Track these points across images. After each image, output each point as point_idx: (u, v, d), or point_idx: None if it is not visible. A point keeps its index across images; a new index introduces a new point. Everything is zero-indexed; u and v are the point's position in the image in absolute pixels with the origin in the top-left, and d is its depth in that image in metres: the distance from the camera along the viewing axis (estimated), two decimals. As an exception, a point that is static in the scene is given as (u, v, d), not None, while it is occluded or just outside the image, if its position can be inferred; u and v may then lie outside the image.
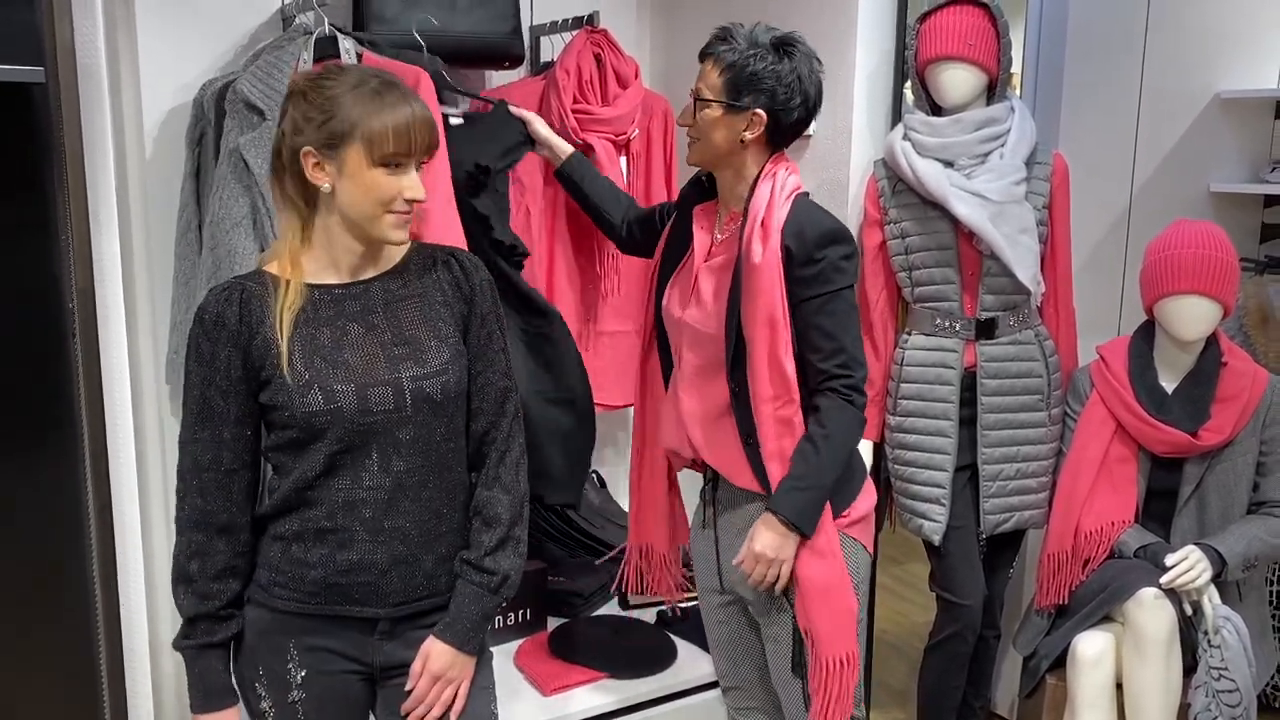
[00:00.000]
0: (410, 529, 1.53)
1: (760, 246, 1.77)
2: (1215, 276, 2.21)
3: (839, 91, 2.44)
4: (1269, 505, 2.29)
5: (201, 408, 1.50)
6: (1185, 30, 2.87)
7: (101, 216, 2.06)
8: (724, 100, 1.81)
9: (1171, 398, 2.30)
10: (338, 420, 1.47)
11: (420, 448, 1.53)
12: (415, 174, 1.48)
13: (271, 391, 1.49)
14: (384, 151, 1.43)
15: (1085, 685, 2.20)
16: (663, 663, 2.42)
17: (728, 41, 1.82)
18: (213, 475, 1.51)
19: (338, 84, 1.46)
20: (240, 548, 1.54)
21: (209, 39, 2.29)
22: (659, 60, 2.95)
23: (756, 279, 1.77)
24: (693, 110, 1.85)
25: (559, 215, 2.65)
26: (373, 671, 1.59)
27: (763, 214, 1.79)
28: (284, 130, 1.49)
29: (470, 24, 2.41)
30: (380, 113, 1.43)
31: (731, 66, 1.80)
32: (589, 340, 2.73)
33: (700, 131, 1.85)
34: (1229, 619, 2.16)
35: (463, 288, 1.59)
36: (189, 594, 1.52)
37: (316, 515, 1.51)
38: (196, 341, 1.50)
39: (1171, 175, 2.93)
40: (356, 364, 1.50)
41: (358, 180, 1.45)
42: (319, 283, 1.53)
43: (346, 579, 1.52)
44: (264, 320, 1.49)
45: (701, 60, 1.85)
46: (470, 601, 1.58)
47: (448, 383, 1.54)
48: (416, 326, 1.54)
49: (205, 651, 1.54)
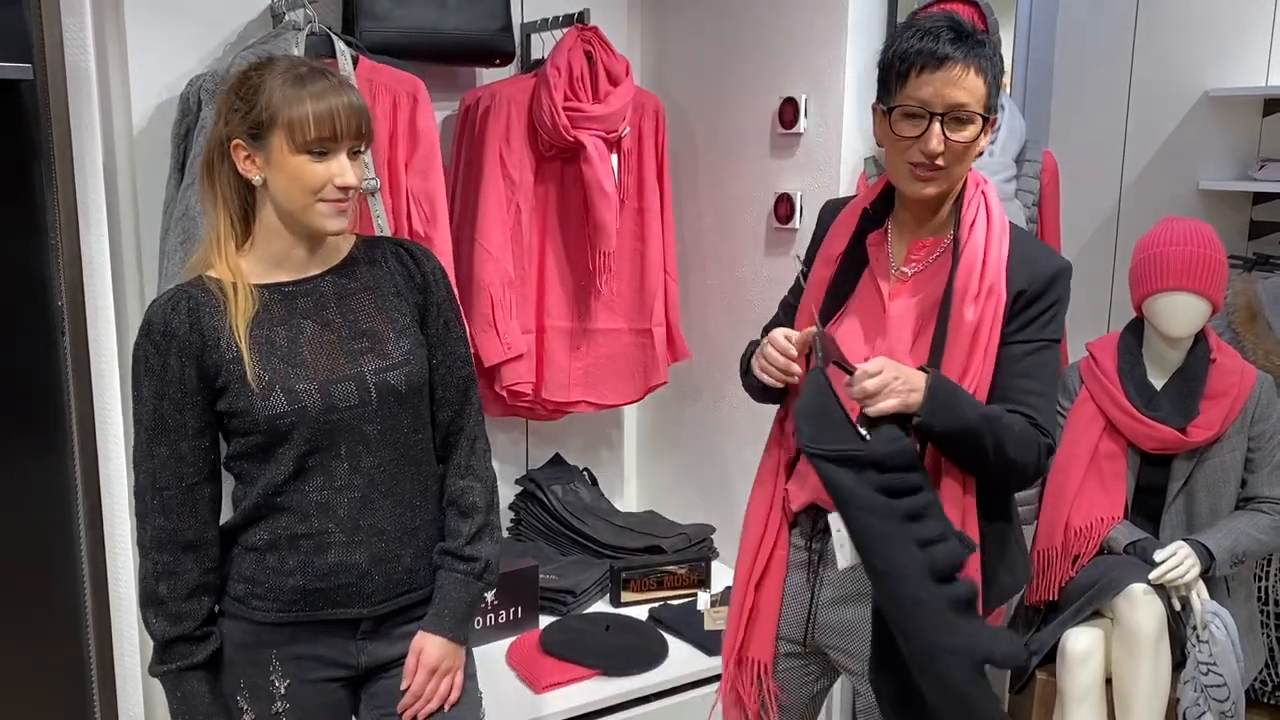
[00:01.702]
0: (387, 525, 1.52)
1: (980, 300, 1.50)
2: (1204, 274, 2.22)
3: (829, 89, 2.44)
4: (1257, 501, 2.30)
5: (156, 423, 1.45)
6: (1174, 28, 2.88)
7: (91, 214, 2.05)
8: (988, 111, 1.49)
9: (1160, 394, 2.31)
10: (303, 421, 1.45)
11: (389, 442, 1.51)
12: (346, 160, 1.44)
13: (230, 398, 1.45)
14: (306, 137, 1.40)
15: (1075, 681, 2.21)
16: (655, 659, 2.42)
17: (973, 35, 1.47)
18: (174, 493, 1.46)
19: (265, 73, 1.43)
20: (209, 564, 1.50)
21: (198, 36, 2.28)
22: (650, 58, 2.95)
23: (971, 337, 1.51)
24: (945, 136, 1.48)
25: (550, 213, 2.65)
26: (357, 674, 1.58)
27: (981, 254, 1.51)
28: (216, 122, 1.47)
29: (460, 22, 2.41)
30: (301, 99, 1.40)
31: (992, 69, 1.48)
32: (581, 338, 2.73)
33: (958, 156, 1.50)
34: (1217, 614, 2.17)
35: (415, 277, 1.57)
36: (160, 617, 1.48)
37: (289, 521, 1.48)
38: (145, 355, 1.45)
39: (1160, 173, 2.94)
40: (316, 361, 1.47)
41: (284, 169, 1.42)
42: (267, 282, 1.49)
43: (326, 583, 1.49)
44: (215, 327, 1.45)
45: (938, 66, 1.46)
46: (455, 590, 1.57)
47: (411, 373, 1.52)
48: (373, 319, 1.52)
49: (186, 675, 1.49)
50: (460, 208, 2.60)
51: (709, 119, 2.80)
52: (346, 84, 1.46)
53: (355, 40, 2.26)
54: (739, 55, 2.67)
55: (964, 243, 1.53)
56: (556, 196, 2.65)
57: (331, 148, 1.43)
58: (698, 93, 2.82)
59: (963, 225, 1.55)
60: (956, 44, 1.46)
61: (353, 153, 1.46)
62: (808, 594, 1.69)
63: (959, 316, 1.51)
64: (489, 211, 2.53)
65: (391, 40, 2.32)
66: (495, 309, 2.53)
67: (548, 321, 2.70)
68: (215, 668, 1.52)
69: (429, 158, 2.29)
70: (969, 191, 1.57)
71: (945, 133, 1.48)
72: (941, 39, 1.46)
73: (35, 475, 2.10)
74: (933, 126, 1.48)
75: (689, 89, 2.84)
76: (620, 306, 2.73)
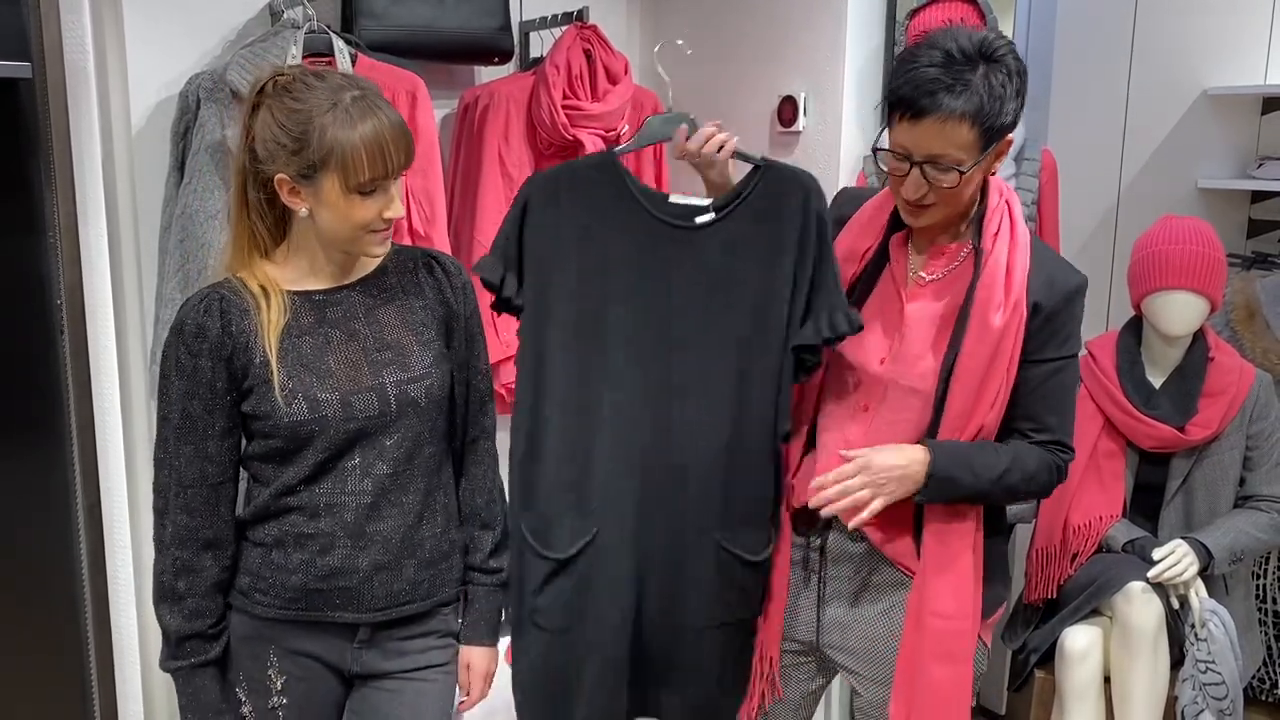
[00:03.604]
0: (392, 534, 1.52)
1: (1005, 312, 1.51)
2: (1202, 272, 2.22)
3: (829, 87, 2.44)
4: (1255, 499, 2.31)
5: (184, 421, 1.46)
6: (1173, 27, 2.88)
7: (89, 212, 2.05)
8: (981, 157, 1.47)
9: (1159, 393, 2.31)
10: (323, 429, 1.46)
11: (404, 452, 1.52)
12: (394, 190, 1.44)
13: (254, 401, 1.46)
14: (360, 179, 1.39)
15: (1073, 679, 2.21)
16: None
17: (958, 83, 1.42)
18: (197, 491, 1.48)
19: (312, 108, 1.38)
20: (225, 561, 1.52)
21: (196, 34, 2.28)
22: (648, 56, 2.95)
23: (995, 345, 1.52)
24: (925, 182, 1.47)
25: (549, 211, 2.65)
26: (348, 678, 1.59)
27: (1004, 266, 1.51)
28: (253, 151, 1.43)
29: (459, 20, 2.41)
30: (354, 141, 1.37)
31: (980, 113, 1.44)
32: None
33: (943, 197, 1.50)
34: (1216, 612, 2.17)
35: (444, 291, 1.58)
36: (176, 613, 1.49)
37: (297, 520, 1.49)
38: (175, 354, 1.46)
39: (1159, 171, 2.94)
40: (340, 371, 1.48)
41: (335, 208, 1.41)
42: (298, 289, 1.51)
43: (327, 584, 1.50)
44: (245, 329, 1.45)
45: (918, 118, 1.44)
46: (485, 601, 1.65)
47: (431, 386, 1.53)
48: (398, 331, 1.53)
49: (199, 671, 1.51)
50: (459, 206, 2.60)
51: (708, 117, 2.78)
52: (387, 107, 1.43)
53: (354, 38, 2.25)
54: (738, 53, 2.67)
55: (988, 253, 1.54)
56: (555, 195, 2.65)
57: (383, 185, 1.43)
58: (697, 91, 2.81)
59: (985, 235, 1.55)
60: (939, 92, 1.42)
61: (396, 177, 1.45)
62: (813, 594, 1.71)
63: (983, 323, 1.52)
64: (487, 210, 2.53)
65: (390, 38, 2.32)
66: (494, 307, 2.53)
67: (546, 320, 2.70)
68: (224, 664, 1.54)
69: (428, 156, 2.29)
70: (992, 199, 1.57)
71: (927, 178, 1.48)
72: (924, 86, 1.43)
73: (34, 474, 2.09)
74: (912, 172, 1.48)
75: (688, 87, 2.84)
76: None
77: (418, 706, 1.59)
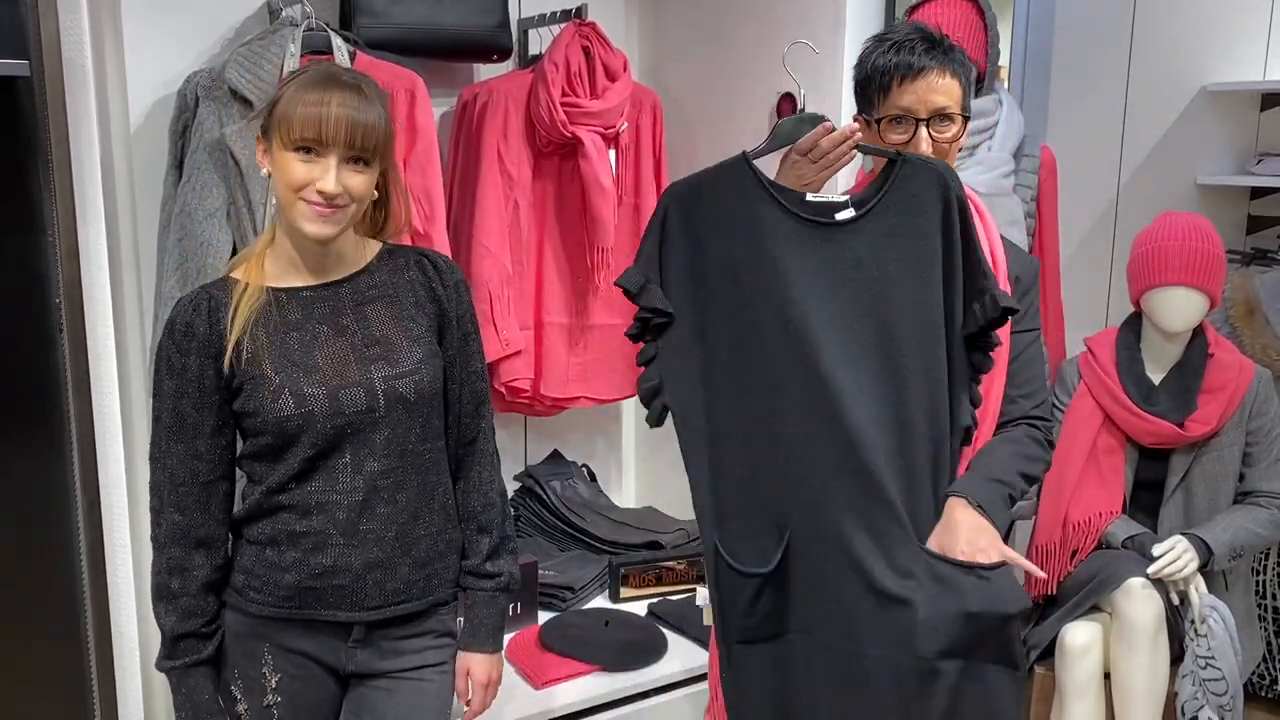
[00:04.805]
0: (385, 532, 1.52)
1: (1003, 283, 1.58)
2: (1202, 269, 2.23)
3: (828, 83, 2.44)
4: (1255, 495, 2.31)
5: (175, 420, 1.48)
6: (1172, 23, 2.89)
7: (88, 211, 2.05)
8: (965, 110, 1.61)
9: (1158, 389, 2.31)
10: (310, 424, 1.46)
11: (395, 450, 1.52)
12: (333, 166, 1.43)
13: (244, 399, 1.47)
14: (294, 136, 1.42)
15: (1073, 675, 2.22)
16: (654, 655, 2.42)
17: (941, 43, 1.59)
18: (189, 489, 1.49)
19: (296, 75, 1.49)
20: (219, 560, 1.53)
21: (195, 32, 2.27)
22: (647, 53, 2.95)
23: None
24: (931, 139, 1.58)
25: (548, 209, 2.65)
26: (342, 677, 1.59)
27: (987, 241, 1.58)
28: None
29: (457, 18, 2.40)
30: (303, 100, 1.42)
31: (963, 66, 1.59)
32: (579, 334, 2.73)
33: (944, 155, 1.60)
34: (1215, 608, 2.18)
35: (436, 289, 1.58)
36: (171, 611, 1.50)
37: (289, 518, 1.50)
38: (166, 353, 1.48)
39: (1158, 168, 2.94)
40: (327, 366, 1.49)
41: (278, 164, 1.45)
42: (285, 285, 1.51)
43: (320, 582, 1.50)
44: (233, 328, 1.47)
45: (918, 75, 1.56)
46: (484, 607, 1.63)
47: (421, 381, 1.53)
48: (388, 327, 1.53)
49: (193, 670, 1.52)
50: (458, 204, 2.60)
51: (707, 114, 2.80)
52: (367, 100, 1.44)
53: (352, 36, 2.25)
54: (737, 50, 2.67)
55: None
56: (554, 193, 2.64)
57: (319, 150, 1.43)
58: (695, 88, 2.81)
59: None
60: (930, 53, 1.57)
61: (350, 162, 1.44)
62: None
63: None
64: (487, 208, 2.53)
65: (389, 36, 2.32)
66: (493, 305, 2.53)
67: (546, 317, 2.70)
68: (218, 664, 1.54)
69: (427, 154, 2.28)
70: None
71: (931, 134, 1.58)
72: (916, 50, 1.57)
73: (33, 473, 2.09)
74: (920, 130, 1.57)
75: (687, 84, 2.84)
76: (618, 302, 2.72)
77: (414, 706, 1.59)
